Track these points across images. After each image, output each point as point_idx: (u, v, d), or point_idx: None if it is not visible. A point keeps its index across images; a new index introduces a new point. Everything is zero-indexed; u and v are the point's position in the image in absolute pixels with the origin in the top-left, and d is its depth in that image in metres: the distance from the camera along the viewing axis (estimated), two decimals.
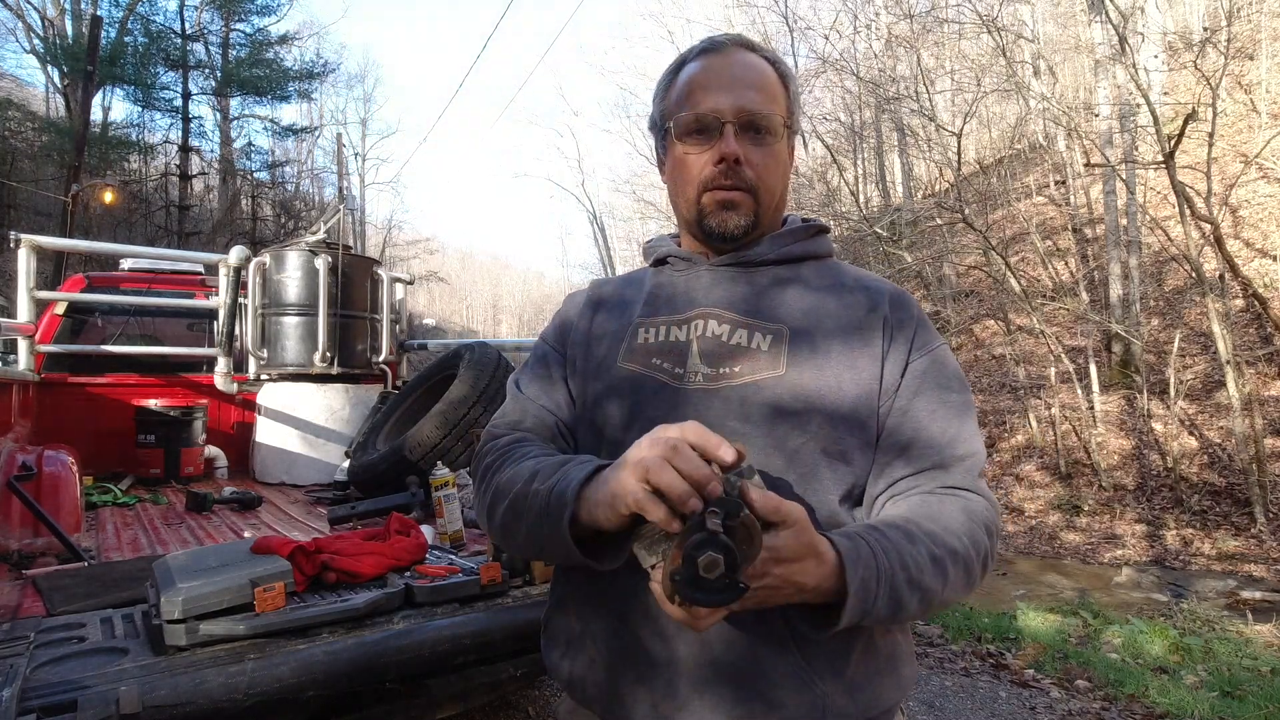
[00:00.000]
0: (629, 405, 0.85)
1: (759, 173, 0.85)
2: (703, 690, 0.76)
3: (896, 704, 0.83)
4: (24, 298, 3.57)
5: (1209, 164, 7.07)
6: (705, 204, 0.87)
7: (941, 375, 0.85)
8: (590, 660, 0.84)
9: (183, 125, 20.50)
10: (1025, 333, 10.70)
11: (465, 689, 1.55)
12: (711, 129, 0.85)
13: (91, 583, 1.77)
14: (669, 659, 0.78)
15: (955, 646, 3.72)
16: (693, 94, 0.87)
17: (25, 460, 2.18)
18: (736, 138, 0.84)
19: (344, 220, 4.46)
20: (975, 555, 0.76)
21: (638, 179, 26.84)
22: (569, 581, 0.91)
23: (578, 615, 0.88)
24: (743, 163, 0.84)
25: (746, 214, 0.86)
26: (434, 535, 2.14)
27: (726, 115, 0.84)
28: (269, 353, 3.85)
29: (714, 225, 0.87)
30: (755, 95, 0.85)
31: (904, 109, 12.72)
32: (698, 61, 0.89)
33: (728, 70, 0.86)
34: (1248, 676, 3.22)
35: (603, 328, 0.94)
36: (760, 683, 0.76)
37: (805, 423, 0.79)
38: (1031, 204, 14.30)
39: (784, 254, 0.90)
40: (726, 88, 0.85)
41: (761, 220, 0.88)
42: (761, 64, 0.88)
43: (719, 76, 0.86)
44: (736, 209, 0.86)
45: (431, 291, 44.40)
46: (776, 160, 0.87)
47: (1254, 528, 6.68)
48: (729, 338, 0.85)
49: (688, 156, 0.87)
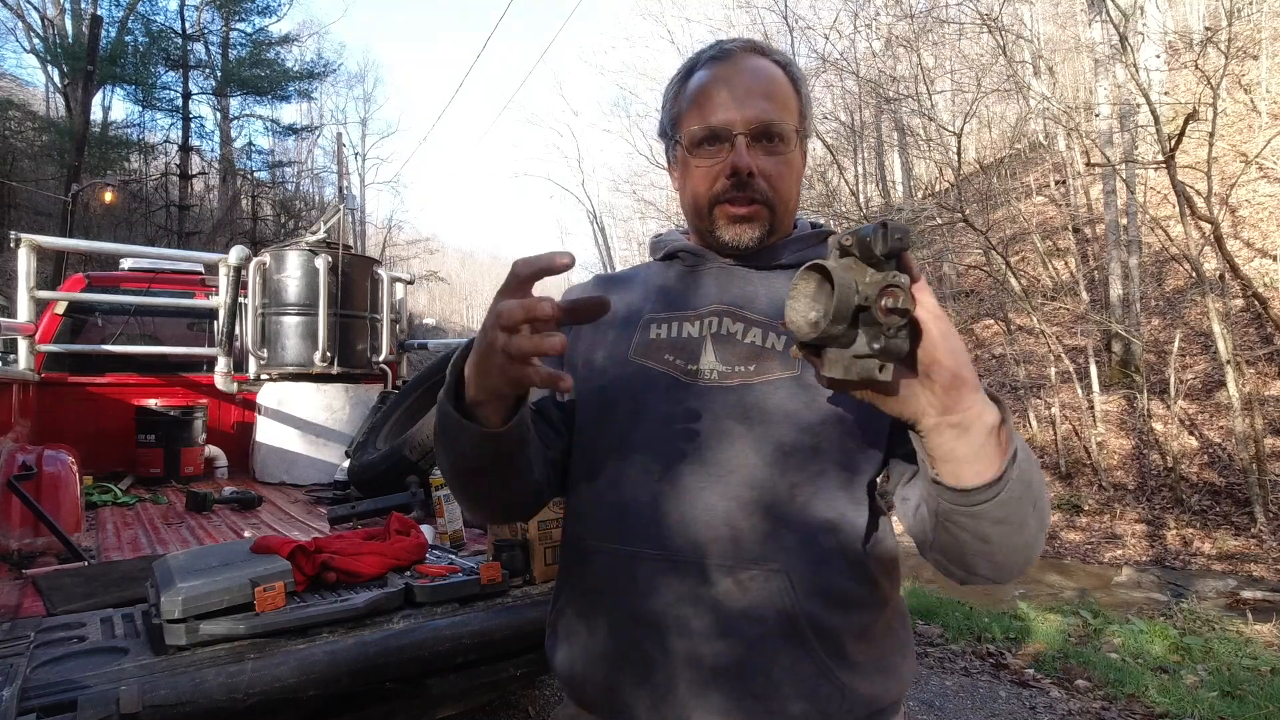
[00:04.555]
0: (638, 399, 0.84)
1: (773, 184, 0.84)
2: (701, 692, 0.76)
3: (898, 700, 0.83)
4: (24, 297, 3.57)
5: (1209, 164, 7.06)
6: (717, 217, 0.86)
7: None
8: (590, 660, 0.84)
9: (183, 125, 20.51)
10: (1025, 332, 10.71)
11: (465, 689, 1.55)
12: (723, 140, 0.83)
13: (91, 582, 1.77)
14: (667, 659, 0.77)
15: (955, 646, 3.72)
16: (703, 104, 0.85)
17: (25, 460, 2.18)
18: (749, 149, 0.82)
19: (344, 220, 4.45)
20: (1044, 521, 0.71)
21: (638, 179, 26.83)
22: (570, 580, 0.91)
23: (578, 614, 0.87)
24: (756, 175, 0.82)
25: (761, 226, 0.85)
26: (434, 535, 2.14)
27: (738, 126, 0.82)
28: (269, 352, 3.84)
29: (728, 239, 0.86)
30: (767, 104, 0.83)
31: (904, 109, 12.72)
32: (707, 69, 0.87)
33: (738, 79, 0.84)
34: (1248, 676, 3.22)
35: (610, 321, 0.92)
36: (759, 683, 0.76)
37: (818, 425, 0.79)
38: (1031, 204, 14.30)
39: (797, 257, 0.90)
40: (738, 98, 0.83)
41: (776, 230, 0.88)
42: (773, 69, 0.86)
43: (730, 85, 0.84)
44: (751, 222, 0.85)
45: (431, 291, 44.37)
46: (790, 169, 0.85)
47: (1254, 527, 6.68)
48: (743, 336, 0.84)
49: (699, 169, 0.85)
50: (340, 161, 7.56)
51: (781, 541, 0.77)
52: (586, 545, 0.86)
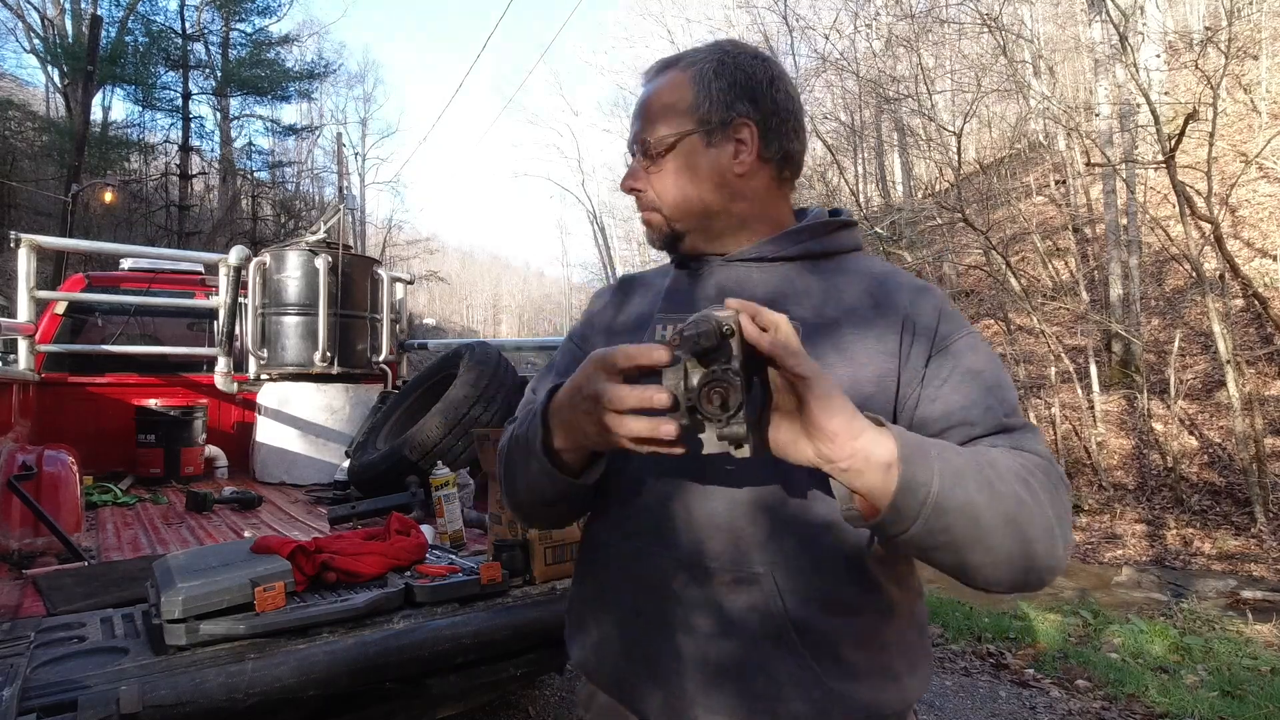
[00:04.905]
0: None
1: (657, 190, 0.90)
2: (707, 689, 0.78)
3: (903, 710, 0.82)
4: (24, 297, 3.57)
5: (1209, 163, 7.06)
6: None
7: (971, 361, 0.81)
8: (604, 653, 0.87)
9: (183, 125, 20.52)
10: (1025, 332, 10.71)
11: (465, 689, 1.56)
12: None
13: (91, 582, 1.78)
14: (675, 655, 0.80)
15: (955, 646, 3.72)
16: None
17: (25, 460, 2.18)
18: (640, 163, 0.91)
19: (344, 220, 4.45)
20: (1042, 502, 0.68)
21: None
22: (584, 574, 0.94)
23: (591, 609, 0.91)
24: (641, 188, 0.91)
25: (659, 229, 0.92)
26: (434, 535, 2.14)
27: (631, 146, 0.93)
28: (269, 352, 3.84)
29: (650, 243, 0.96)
30: (640, 124, 0.91)
31: (904, 109, 12.72)
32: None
33: (637, 101, 0.94)
34: (1248, 676, 3.22)
35: (625, 320, 0.97)
36: (762, 682, 0.76)
37: None
38: (1031, 203, 14.30)
39: (803, 250, 0.89)
40: (632, 118, 0.93)
41: (685, 229, 0.91)
42: (662, 83, 0.90)
43: (634, 108, 0.94)
44: (651, 227, 0.93)
45: (432, 291, 44.40)
46: (675, 174, 0.89)
47: (1254, 527, 6.68)
48: None
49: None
50: (340, 161, 7.57)
51: (780, 545, 0.77)
52: (602, 540, 0.91)
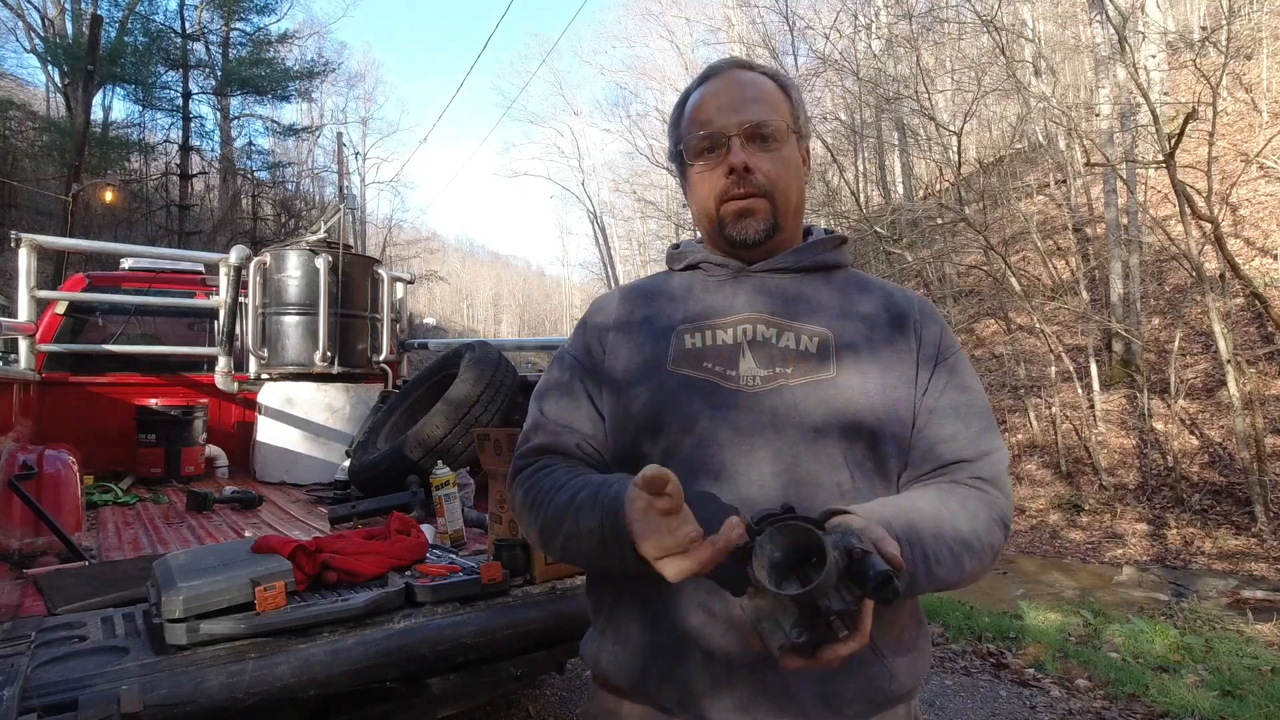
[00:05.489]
0: (684, 408, 0.86)
1: (770, 177, 0.88)
2: (727, 687, 0.79)
3: (915, 687, 0.86)
4: (25, 297, 3.57)
5: (1209, 163, 7.06)
6: (724, 214, 0.90)
7: (964, 378, 0.90)
8: (620, 653, 0.87)
9: (183, 125, 20.48)
10: (1026, 332, 10.70)
11: (466, 688, 1.56)
12: (719, 145, 0.89)
13: (92, 582, 1.78)
14: (696, 654, 0.80)
15: (956, 646, 3.72)
16: (699, 117, 0.92)
17: (26, 459, 2.18)
18: (744, 148, 0.88)
19: (344, 219, 4.46)
20: (989, 549, 0.82)
21: (638, 179, 26.84)
22: (601, 576, 0.94)
23: (609, 611, 0.90)
24: (753, 169, 0.87)
25: (764, 218, 0.89)
26: (434, 534, 2.14)
27: (732, 129, 0.88)
28: (269, 352, 3.85)
29: (734, 234, 0.90)
30: (756, 107, 0.89)
31: (904, 109, 12.71)
32: (700, 89, 0.95)
33: (728, 90, 0.91)
34: (1248, 675, 3.22)
35: (642, 333, 0.93)
36: (773, 675, 0.78)
37: (856, 425, 0.82)
38: (1032, 203, 14.29)
39: (817, 261, 0.93)
40: (729, 105, 0.90)
41: (781, 223, 0.91)
42: (759, 79, 0.93)
43: (720, 97, 0.91)
44: (754, 215, 0.89)
45: (432, 291, 44.38)
46: (786, 164, 0.90)
47: (1255, 527, 6.67)
48: (778, 340, 0.87)
49: (702, 175, 0.92)
50: (340, 161, 7.58)
51: None
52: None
